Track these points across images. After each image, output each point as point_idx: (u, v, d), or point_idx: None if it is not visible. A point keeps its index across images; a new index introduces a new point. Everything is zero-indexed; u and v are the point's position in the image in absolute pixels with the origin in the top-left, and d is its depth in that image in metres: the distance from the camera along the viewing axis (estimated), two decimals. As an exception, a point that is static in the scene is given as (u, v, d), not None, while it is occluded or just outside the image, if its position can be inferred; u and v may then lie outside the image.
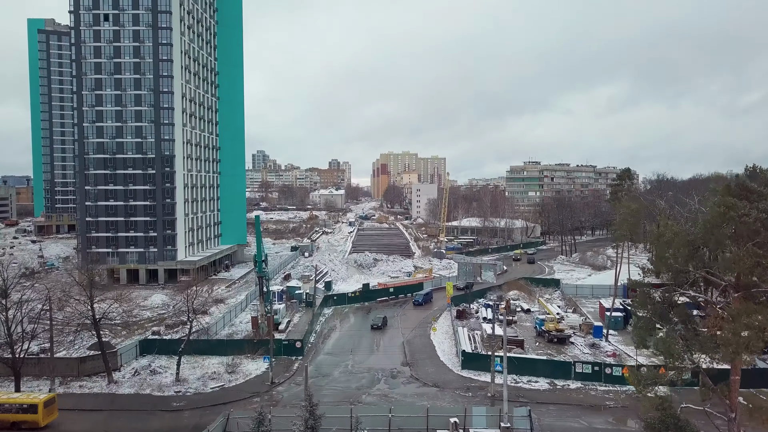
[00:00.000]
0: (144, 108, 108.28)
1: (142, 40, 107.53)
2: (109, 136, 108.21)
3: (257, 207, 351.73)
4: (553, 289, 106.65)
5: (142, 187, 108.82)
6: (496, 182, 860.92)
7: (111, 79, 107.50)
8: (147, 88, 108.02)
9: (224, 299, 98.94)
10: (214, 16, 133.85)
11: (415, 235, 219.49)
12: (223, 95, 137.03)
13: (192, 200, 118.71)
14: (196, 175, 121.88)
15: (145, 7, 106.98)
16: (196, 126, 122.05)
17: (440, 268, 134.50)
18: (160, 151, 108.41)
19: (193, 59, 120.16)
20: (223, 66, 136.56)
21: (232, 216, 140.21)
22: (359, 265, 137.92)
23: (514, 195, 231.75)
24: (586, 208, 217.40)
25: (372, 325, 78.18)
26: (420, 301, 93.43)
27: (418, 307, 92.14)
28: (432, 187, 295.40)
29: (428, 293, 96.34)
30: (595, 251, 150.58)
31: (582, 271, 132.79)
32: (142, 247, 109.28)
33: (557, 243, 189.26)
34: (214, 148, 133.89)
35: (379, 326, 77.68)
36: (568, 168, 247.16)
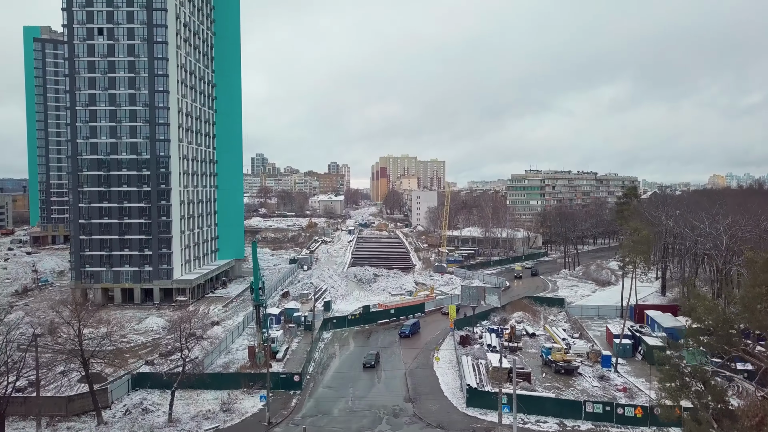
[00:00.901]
0: (139, 123, 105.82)
1: (137, 55, 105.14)
2: (104, 152, 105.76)
3: (256, 214, 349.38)
4: (558, 308, 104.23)
5: (137, 205, 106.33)
6: (496, 186, 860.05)
7: (105, 95, 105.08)
8: (142, 104, 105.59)
9: (221, 321, 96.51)
10: (211, 27, 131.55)
11: (416, 245, 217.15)
12: (220, 107, 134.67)
13: (188, 217, 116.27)
14: (193, 190, 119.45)
15: (140, 21, 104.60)
16: (193, 140, 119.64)
17: (441, 284, 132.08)
18: (156, 167, 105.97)
19: (190, 72, 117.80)
20: (221, 77, 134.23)
21: (229, 230, 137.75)
22: (359, 279, 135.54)
23: (515, 204, 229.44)
24: (588, 217, 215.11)
25: (364, 364, 71.07)
26: (407, 333, 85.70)
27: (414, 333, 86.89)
28: (432, 194, 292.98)
29: (415, 323, 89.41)
30: (599, 265, 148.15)
31: (586, 286, 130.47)
32: (137, 265, 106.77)
33: (559, 253, 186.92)
34: (211, 162, 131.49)
35: (372, 365, 70.81)
36: (570, 176, 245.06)
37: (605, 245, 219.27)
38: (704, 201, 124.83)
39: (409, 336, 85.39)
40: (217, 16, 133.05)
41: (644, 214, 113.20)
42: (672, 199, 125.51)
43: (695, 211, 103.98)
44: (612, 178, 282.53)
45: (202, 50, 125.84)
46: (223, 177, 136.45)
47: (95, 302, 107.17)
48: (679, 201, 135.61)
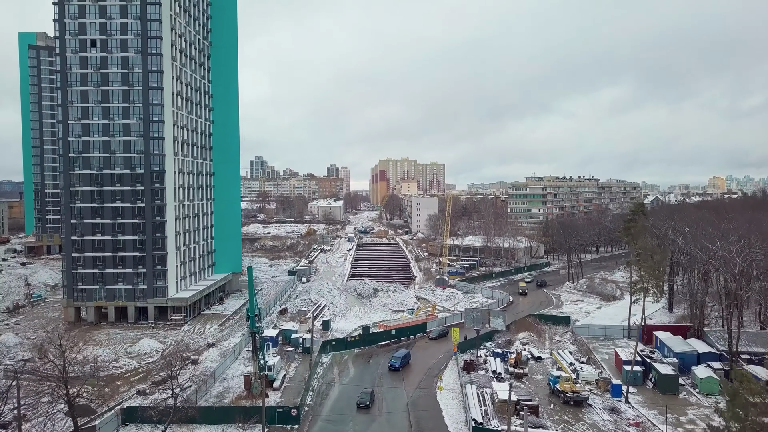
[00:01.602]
0: (132, 138, 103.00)
1: (131, 67, 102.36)
2: (97, 167, 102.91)
3: (254, 219, 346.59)
4: (564, 327, 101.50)
5: (130, 221, 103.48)
6: (496, 189, 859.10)
7: (98, 108, 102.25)
8: (136, 118, 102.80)
9: (216, 342, 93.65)
10: (208, 36, 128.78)
11: (416, 253, 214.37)
12: (217, 117, 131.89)
13: (184, 232, 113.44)
14: (189, 204, 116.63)
15: (134, 32, 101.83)
16: (189, 154, 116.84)
17: (443, 299, 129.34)
18: (150, 182, 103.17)
19: (186, 84, 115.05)
20: (218, 87, 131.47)
21: (226, 242, 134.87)
22: (359, 294, 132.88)
23: (516, 211, 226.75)
24: (590, 225, 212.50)
25: (358, 404, 65.63)
26: (397, 366, 78.06)
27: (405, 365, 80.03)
28: (432, 200, 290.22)
29: (406, 354, 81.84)
30: (603, 278, 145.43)
31: (591, 301, 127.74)
32: (130, 283, 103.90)
33: (562, 263, 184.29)
34: (207, 174, 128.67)
35: (367, 404, 65.25)
36: (571, 183, 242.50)
37: (608, 254, 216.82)
38: (711, 214, 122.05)
39: (400, 369, 78.20)
40: (214, 25, 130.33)
41: (651, 229, 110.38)
42: (678, 213, 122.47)
43: (703, 227, 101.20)
44: (614, 185, 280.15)
45: (199, 60, 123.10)
46: (220, 189, 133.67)
47: (88, 321, 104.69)
48: (684, 212, 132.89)
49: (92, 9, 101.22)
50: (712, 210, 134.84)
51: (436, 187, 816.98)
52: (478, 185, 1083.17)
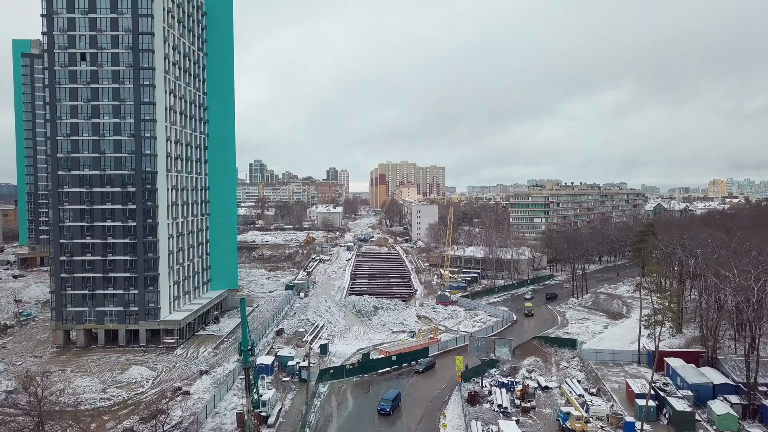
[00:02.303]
0: (124, 154, 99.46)
1: (122, 81, 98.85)
2: (86, 185, 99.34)
3: (253, 227, 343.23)
4: (570, 350, 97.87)
5: (121, 241, 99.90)
6: (496, 192, 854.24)
7: (88, 124, 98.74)
8: (127, 133, 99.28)
9: (210, 368, 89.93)
10: (203, 47, 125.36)
11: (416, 264, 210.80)
12: (212, 130, 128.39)
13: (177, 251, 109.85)
14: (182, 222, 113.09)
15: (126, 46, 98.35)
16: (183, 169, 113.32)
17: (445, 317, 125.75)
18: (142, 200, 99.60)
19: (179, 98, 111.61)
20: (213, 99, 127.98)
21: (222, 258, 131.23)
22: (358, 311, 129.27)
23: (518, 221, 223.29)
24: (593, 236, 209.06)
25: None
26: (387, 410, 70.71)
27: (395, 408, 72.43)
28: (432, 208, 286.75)
29: (397, 396, 74.26)
30: (609, 294, 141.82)
31: (597, 319, 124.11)
32: (121, 305, 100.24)
33: (565, 274, 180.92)
34: (203, 189, 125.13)
35: None
36: (573, 191, 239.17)
37: (611, 263, 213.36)
38: (721, 232, 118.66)
39: (390, 413, 70.74)
40: (210, 35, 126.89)
41: (660, 246, 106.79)
42: (688, 230, 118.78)
43: (715, 248, 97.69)
44: (616, 192, 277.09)
45: (193, 72, 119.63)
46: (216, 203, 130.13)
47: (77, 344, 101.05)
48: (693, 229, 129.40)
49: (82, 21, 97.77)
50: (721, 227, 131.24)
51: (435, 191, 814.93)
52: (477, 189, 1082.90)
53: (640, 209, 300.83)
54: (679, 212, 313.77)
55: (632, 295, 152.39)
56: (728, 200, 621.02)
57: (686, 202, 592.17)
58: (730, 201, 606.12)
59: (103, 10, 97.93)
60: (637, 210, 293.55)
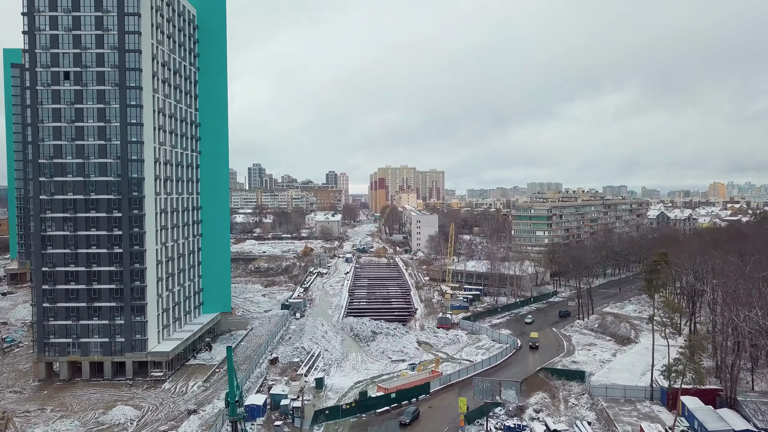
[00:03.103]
0: (110, 178, 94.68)
1: (107, 102, 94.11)
2: (71, 210, 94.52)
3: (250, 235, 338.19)
4: (579, 384, 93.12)
5: (107, 269, 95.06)
6: (496, 196, 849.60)
7: (72, 146, 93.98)
8: (113, 156, 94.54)
9: (199, 406, 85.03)
10: (195, 62, 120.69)
11: (416, 278, 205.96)
12: (205, 148, 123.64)
13: (167, 277, 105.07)
14: (173, 246, 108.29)
15: (111, 64, 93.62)
16: (173, 190, 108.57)
17: (446, 342, 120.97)
18: (129, 227, 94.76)
19: (169, 116, 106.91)
20: (206, 115, 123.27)
21: (215, 280, 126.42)
22: (356, 335, 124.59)
23: (520, 234, 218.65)
24: (598, 249, 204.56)
25: None
26: None
27: None
28: (432, 218, 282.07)
29: None
30: (616, 315, 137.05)
31: (604, 344, 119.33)
32: (107, 336, 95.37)
33: (569, 290, 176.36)
34: (195, 209, 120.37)
35: None
36: (576, 203, 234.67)
37: (615, 277, 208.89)
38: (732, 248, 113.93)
39: None
40: (202, 50, 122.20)
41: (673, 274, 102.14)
42: (698, 251, 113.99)
43: (731, 275, 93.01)
44: (619, 202, 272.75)
45: (184, 89, 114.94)
46: (209, 223, 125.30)
47: (61, 377, 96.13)
48: (701, 244, 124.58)
49: (65, 39, 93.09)
50: (732, 247, 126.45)
51: (435, 195, 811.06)
52: (477, 192, 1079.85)
53: (643, 218, 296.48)
54: (682, 221, 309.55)
55: (639, 315, 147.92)
56: (730, 205, 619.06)
57: (688, 207, 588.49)
58: (731, 206, 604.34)
59: (88, 27, 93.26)
60: (641, 219, 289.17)
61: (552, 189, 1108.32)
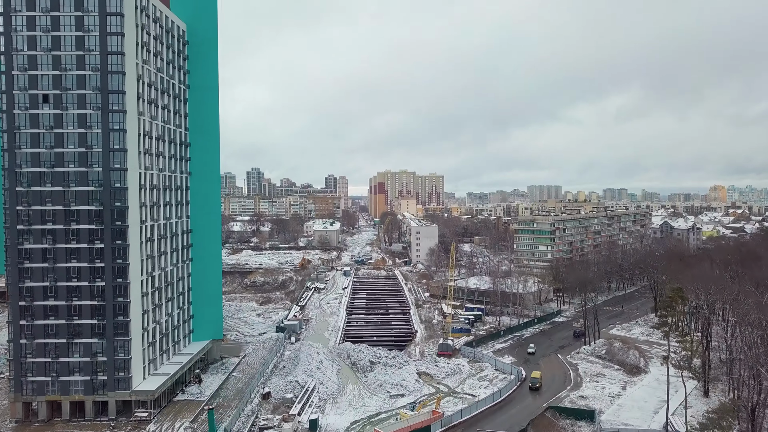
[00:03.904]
0: (92, 207, 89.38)
1: (89, 126, 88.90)
2: (49, 241, 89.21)
3: (248, 245, 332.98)
4: (588, 424, 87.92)
5: (88, 303, 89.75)
6: (495, 201, 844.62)
7: (51, 173, 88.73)
8: (95, 184, 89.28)
9: (185, 453, 79.91)
10: (185, 79, 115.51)
11: (416, 293, 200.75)
12: (195, 168, 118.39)
13: (154, 308, 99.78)
14: (160, 274, 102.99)
15: (93, 87, 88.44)
16: (161, 215, 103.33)
17: (448, 373, 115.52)
18: (111, 258, 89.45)
19: (156, 138, 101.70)
20: (196, 134, 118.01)
21: (206, 307, 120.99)
22: (353, 363, 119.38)
23: (523, 248, 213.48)
24: (602, 264, 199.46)
25: None
26: None
27: None
28: (432, 229, 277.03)
29: None
30: (624, 341, 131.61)
31: (613, 374, 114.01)
32: (88, 374, 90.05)
33: (574, 308, 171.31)
34: (184, 234, 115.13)
35: None
36: (580, 216, 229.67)
37: (620, 292, 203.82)
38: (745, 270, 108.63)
39: None
40: (192, 66, 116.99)
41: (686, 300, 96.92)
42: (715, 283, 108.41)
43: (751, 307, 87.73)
44: (623, 213, 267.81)
45: (173, 108, 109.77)
46: (200, 246, 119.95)
47: (39, 417, 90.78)
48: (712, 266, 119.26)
49: (44, 60, 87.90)
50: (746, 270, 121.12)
51: (435, 200, 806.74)
52: (477, 196, 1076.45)
53: (647, 229, 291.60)
54: (686, 231, 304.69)
55: (647, 339, 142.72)
56: (732, 210, 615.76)
57: (690, 213, 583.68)
58: (733, 212, 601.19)
59: (69, 47, 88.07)
60: (644, 230, 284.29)
61: (552, 192, 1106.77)
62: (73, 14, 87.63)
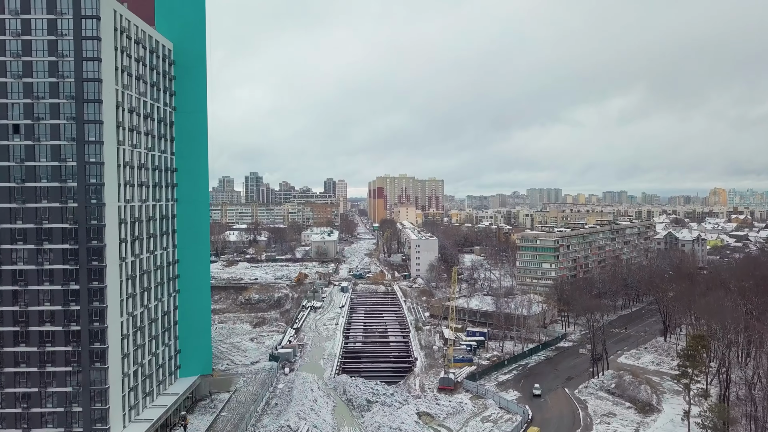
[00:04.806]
0: (66, 246, 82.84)
1: (63, 159, 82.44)
2: (20, 282, 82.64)
3: (244, 256, 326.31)
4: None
5: (62, 349, 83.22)
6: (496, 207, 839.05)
7: (22, 210, 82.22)
8: (70, 221, 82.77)
9: None
10: (171, 101, 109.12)
11: (416, 313, 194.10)
12: (182, 195, 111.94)
13: (135, 349, 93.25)
14: (143, 312, 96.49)
15: (68, 116, 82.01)
16: (143, 249, 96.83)
17: (450, 412, 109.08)
18: (88, 300, 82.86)
19: (139, 167, 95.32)
20: (183, 159, 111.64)
21: (194, 339, 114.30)
22: (349, 400, 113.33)
23: (526, 265, 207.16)
24: (608, 283, 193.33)
25: None
26: None
27: None
28: (432, 242, 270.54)
29: None
30: (634, 374, 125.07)
31: (624, 413, 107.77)
32: (62, 425, 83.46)
33: (579, 331, 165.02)
34: (171, 265, 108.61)
35: None
36: (584, 231, 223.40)
37: (626, 311, 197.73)
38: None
39: None
40: (179, 87, 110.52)
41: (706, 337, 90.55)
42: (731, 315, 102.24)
43: None
44: (627, 226, 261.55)
45: (158, 133, 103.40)
46: (187, 277, 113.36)
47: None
48: (733, 311, 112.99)
49: (15, 87, 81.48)
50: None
51: (435, 204, 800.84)
52: (477, 199, 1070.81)
53: (651, 241, 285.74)
54: (691, 242, 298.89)
55: (658, 369, 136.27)
56: (734, 216, 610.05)
57: (692, 219, 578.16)
58: (736, 218, 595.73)
59: (41, 74, 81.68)
60: (648, 243, 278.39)
61: (551, 195, 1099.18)
62: (46, 38, 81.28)
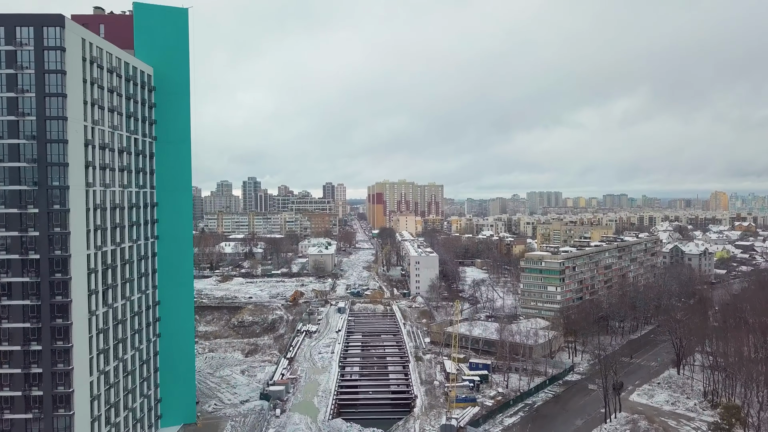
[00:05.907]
0: (27, 302, 74.69)
1: (23, 206, 74.14)
2: (-22, 340, 74.54)
3: (239, 271, 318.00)
4: None
5: (22, 416, 74.92)
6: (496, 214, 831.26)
7: (-22, 262, 74.07)
8: (32, 274, 74.43)
9: None
10: (151, 131, 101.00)
11: (416, 338, 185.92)
12: (163, 231, 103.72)
13: (108, 408, 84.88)
14: (117, 366, 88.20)
15: (29, 158, 73.72)
16: (118, 297, 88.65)
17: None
18: (51, 362, 74.69)
19: (113, 208, 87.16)
20: (164, 192, 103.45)
21: (176, 386, 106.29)
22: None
23: (530, 288, 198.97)
24: (616, 307, 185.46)
25: None
26: None
27: None
28: (432, 259, 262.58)
29: None
30: (649, 418, 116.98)
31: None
32: (24, 500, 75.27)
33: (587, 361, 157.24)
34: (150, 308, 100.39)
35: None
36: (590, 250, 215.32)
37: (634, 335, 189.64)
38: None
39: None
40: (160, 115, 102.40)
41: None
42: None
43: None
44: (634, 242, 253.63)
45: (136, 167, 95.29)
46: (169, 320, 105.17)
47: None
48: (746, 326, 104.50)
49: (-31, 126, 73.30)
50: None
51: (434, 210, 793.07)
52: (476, 203, 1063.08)
53: (657, 256, 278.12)
54: (698, 257, 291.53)
55: (673, 410, 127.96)
56: (737, 224, 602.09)
57: (694, 227, 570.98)
58: (739, 225, 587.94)
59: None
60: (655, 258, 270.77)
61: (552, 199, 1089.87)
62: (5, 72, 73.17)
